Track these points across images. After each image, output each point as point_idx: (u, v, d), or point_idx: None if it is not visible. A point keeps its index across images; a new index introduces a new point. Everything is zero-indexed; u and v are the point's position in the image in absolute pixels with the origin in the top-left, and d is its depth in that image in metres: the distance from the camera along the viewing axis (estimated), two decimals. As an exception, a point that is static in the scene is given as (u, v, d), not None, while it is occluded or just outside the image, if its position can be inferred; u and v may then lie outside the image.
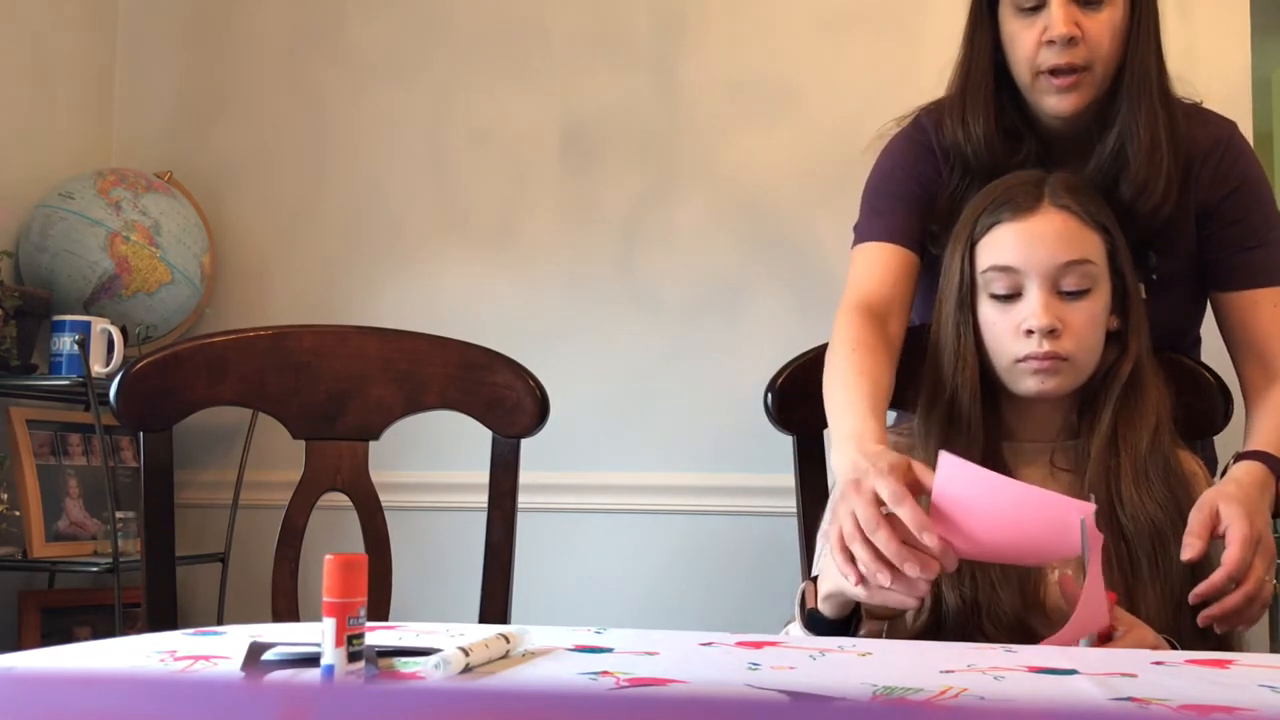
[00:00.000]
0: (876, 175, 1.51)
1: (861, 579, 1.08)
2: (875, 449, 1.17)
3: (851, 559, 1.09)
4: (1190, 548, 1.18)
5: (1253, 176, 1.44)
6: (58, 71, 2.60)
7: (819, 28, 2.41)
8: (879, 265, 1.44)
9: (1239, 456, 1.30)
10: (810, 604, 1.18)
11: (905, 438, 1.36)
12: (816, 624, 1.17)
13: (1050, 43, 1.35)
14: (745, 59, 2.43)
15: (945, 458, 1.08)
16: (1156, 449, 1.29)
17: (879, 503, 1.09)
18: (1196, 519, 1.20)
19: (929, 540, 1.06)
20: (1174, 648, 1.12)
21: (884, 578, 1.06)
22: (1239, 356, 1.43)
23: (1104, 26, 1.35)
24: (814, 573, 1.26)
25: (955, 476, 1.08)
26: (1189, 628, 1.20)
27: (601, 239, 2.46)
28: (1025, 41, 1.37)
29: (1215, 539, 1.19)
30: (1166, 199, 1.38)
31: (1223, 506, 1.19)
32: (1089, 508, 1.06)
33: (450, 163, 2.56)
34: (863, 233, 1.49)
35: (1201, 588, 1.15)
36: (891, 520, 1.08)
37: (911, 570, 1.06)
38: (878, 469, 1.10)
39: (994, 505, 1.08)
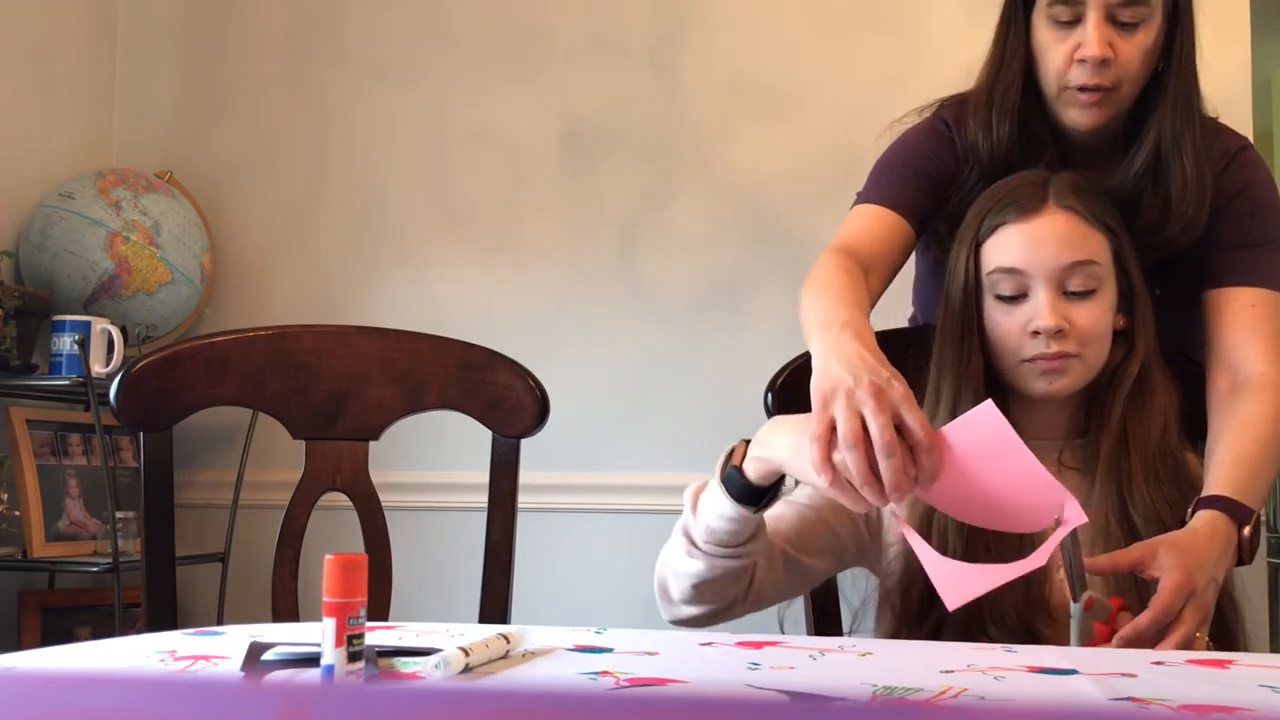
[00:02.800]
0: (891, 150, 1.48)
1: (835, 480, 1.04)
2: (883, 358, 1.10)
3: (829, 457, 1.04)
4: (1095, 563, 1.13)
5: (1256, 184, 1.41)
6: (58, 72, 2.60)
7: (819, 28, 2.41)
8: (874, 225, 1.40)
9: (1199, 503, 1.21)
10: (736, 461, 1.14)
11: None
12: (732, 483, 1.13)
13: (1082, 61, 1.32)
14: (745, 59, 2.43)
15: (988, 407, 1.04)
16: (1166, 448, 1.29)
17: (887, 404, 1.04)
18: (1131, 554, 1.14)
19: (923, 495, 1.05)
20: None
21: (869, 493, 1.03)
22: (1208, 356, 1.37)
23: (1137, 49, 1.33)
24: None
25: (981, 426, 1.04)
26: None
27: (601, 239, 2.46)
28: (1056, 55, 1.34)
29: (1147, 579, 1.14)
30: (1201, 228, 1.37)
31: (1163, 552, 1.13)
32: (1079, 519, 1.04)
33: (450, 163, 2.56)
34: (864, 195, 1.46)
35: (1125, 631, 1.08)
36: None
37: (896, 503, 1.04)
38: (905, 395, 1.05)
39: (997, 467, 1.04)
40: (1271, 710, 0.72)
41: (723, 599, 1.22)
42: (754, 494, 1.12)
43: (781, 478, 1.13)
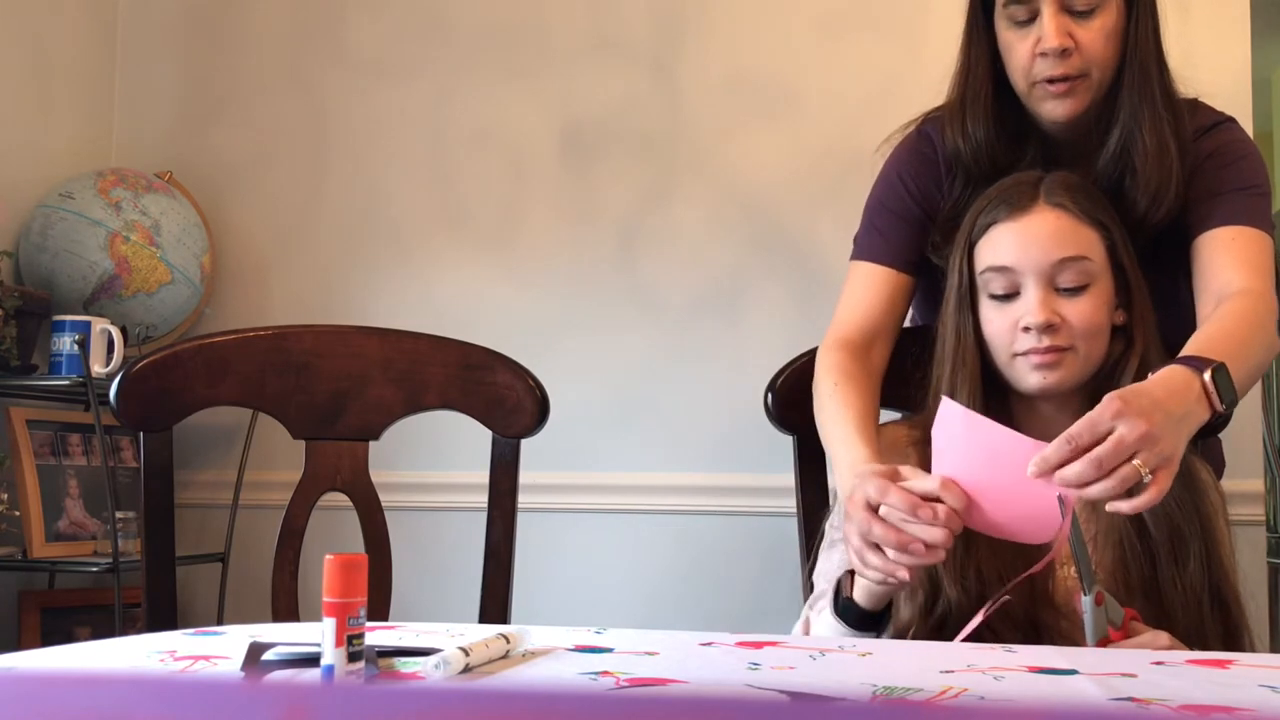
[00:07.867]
0: (881, 186, 1.52)
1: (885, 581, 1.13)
2: (865, 467, 1.20)
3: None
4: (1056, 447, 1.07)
5: (1232, 144, 1.42)
6: (58, 71, 2.60)
7: (819, 28, 2.41)
8: (869, 291, 1.46)
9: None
10: (846, 593, 1.20)
11: (918, 429, 1.36)
12: (848, 613, 1.20)
13: (1044, 54, 1.35)
14: (745, 59, 2.43)
15: (945, 402, 1.13)
16: None
17: (873, 507, 1.13)
18: (1084, 422, 1.07)
19: (923, 513, 1.09)
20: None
21: (903, 574, 1.11)
22: (1195, 295, 1.36)
23: (1097, 34, 1.36)
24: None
25: (949, 420, 1.12)
26: (1212, 628, 1.20)
27: (601, 239, 2.46)
28: (1020, 53, 1.38)
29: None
30: (1177, 202, 1.37)
31: (1105, 399, 1.08)
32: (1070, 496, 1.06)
33: (450, 163, 2.56)
34: (860, 249, 1.50)
35: (1039, 458, 1.06)
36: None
37: (914, 553, 1.09)
38: (865, 479, 1.14)
39: (984, 449, 1.10)
40: (1271, 710, 0.72)
41: None
42: (873, 619, 1.20)
43: (890, 602, 1.20)
